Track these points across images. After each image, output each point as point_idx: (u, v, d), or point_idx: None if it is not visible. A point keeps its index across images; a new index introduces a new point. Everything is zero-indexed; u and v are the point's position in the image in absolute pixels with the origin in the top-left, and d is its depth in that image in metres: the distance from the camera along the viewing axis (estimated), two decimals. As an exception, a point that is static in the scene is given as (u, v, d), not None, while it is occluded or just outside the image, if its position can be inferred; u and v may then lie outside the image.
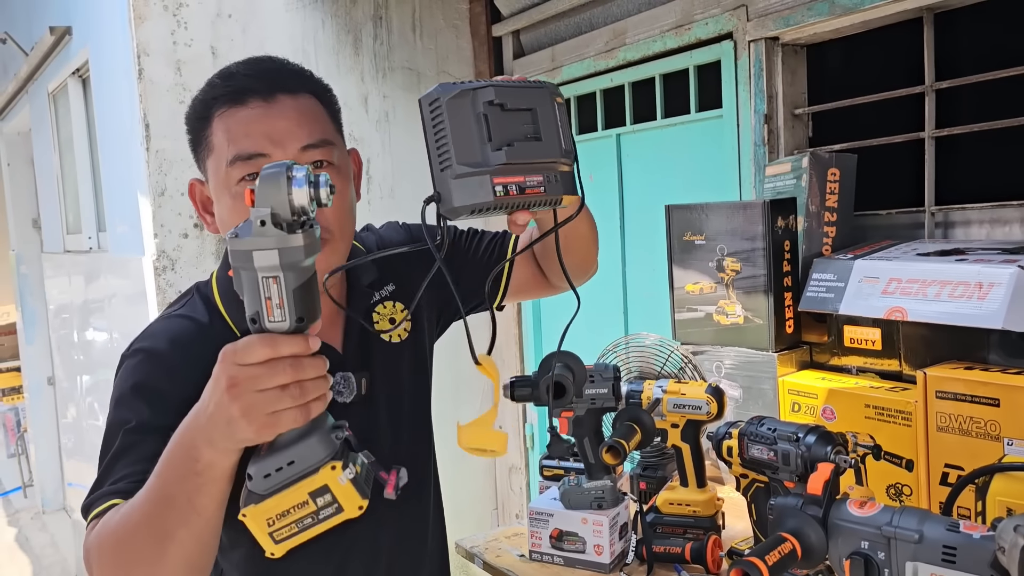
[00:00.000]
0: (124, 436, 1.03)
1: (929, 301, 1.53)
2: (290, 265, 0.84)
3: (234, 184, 1.08)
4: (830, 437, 1.26)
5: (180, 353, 1.08)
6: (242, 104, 1.08)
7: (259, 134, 1.07)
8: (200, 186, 1.16)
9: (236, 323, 1.14)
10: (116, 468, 1.02)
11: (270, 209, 0.83)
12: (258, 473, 0.88)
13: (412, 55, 3.07)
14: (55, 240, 4.46)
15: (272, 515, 0.89)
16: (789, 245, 1.81)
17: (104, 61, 3.05)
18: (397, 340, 1.28)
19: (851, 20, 1.93)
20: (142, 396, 1.06)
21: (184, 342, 1.10)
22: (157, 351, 1.09)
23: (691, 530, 1.58)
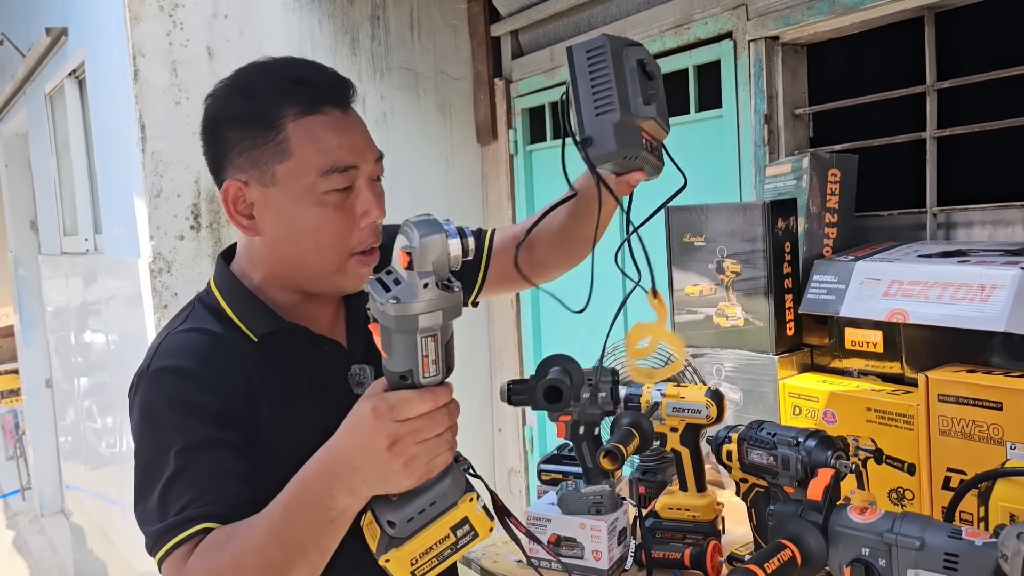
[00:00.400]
0: (176, 458, 1.02)
1: (931, 303, 1.51)
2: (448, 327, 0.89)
3: (321, 193, 1.08)
4: (831, 442, 1.24)
5: (206, 367, 1.07)
6: (320, 113, 1.08)
7: (348, 146, 1.09)
8: (242, 188, 1.11)
9: (253, 329, 1.13)
10: (176, 493, 1.01)
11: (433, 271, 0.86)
12: (402, 519, 0.92)
13: (410, 55, 3.05)
14: (52, 242, 4.44)
15: (416, 554, 0.93)
16: (790, 246, 1.79)
17: (100, 62, 3.03)
18: None
19: (851, 19, 1.91)
20: (182, 413, 1.04)
21: (206, 355, 1.09)
22: (183, 367, 1.07)
23: (691, 535, 1.56)
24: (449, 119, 3.15)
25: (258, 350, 1.12)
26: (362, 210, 1.11)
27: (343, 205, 1.10)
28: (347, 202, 1.10)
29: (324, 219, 1.09)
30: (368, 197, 1.11)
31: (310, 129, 1.07)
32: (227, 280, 1.17)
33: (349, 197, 1.10)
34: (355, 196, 1.11)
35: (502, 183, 3.11)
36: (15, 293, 5.76)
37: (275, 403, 1.10)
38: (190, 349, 1.09)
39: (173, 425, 1.04)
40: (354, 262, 1.13)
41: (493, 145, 3.15)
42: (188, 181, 2.63)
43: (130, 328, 2.98)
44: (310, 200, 1.08)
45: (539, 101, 2.94)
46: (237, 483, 1.03)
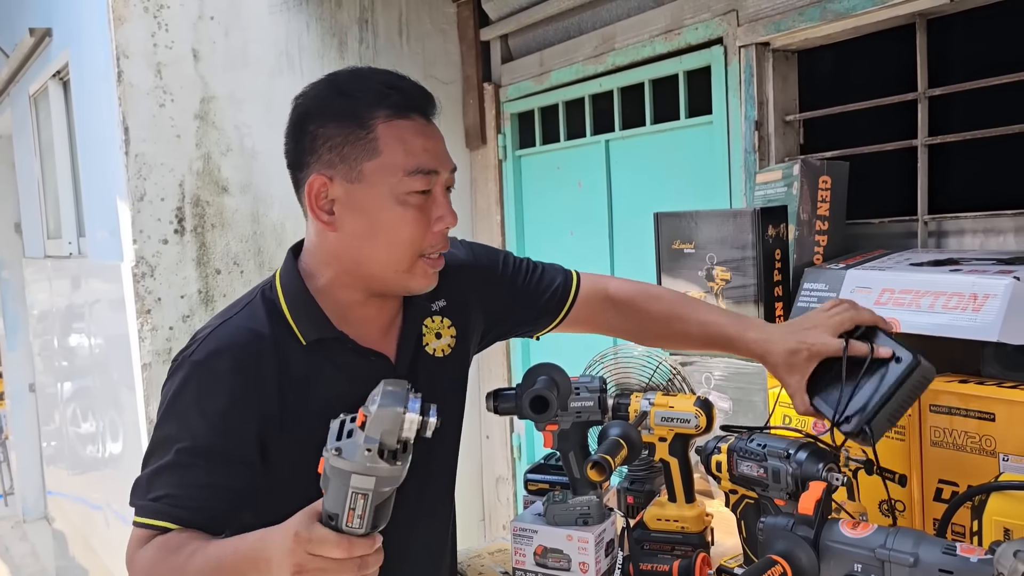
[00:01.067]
0: (176, 454, 1.11)
1: (923, 312, 1.49)
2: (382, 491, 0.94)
3: (404, 193, 1.14)
4: (822, 453, 1.22)
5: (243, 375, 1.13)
6: (408, 118, 1.15)
7: (435, 152, 1.16)
8: (326, 183, 1.16)
9: (304, 333, 1.18)
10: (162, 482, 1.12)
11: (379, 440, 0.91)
12: None
13: (399, 59, 3.03)
14: (36, 245, 4.39)
15: None
16: (780, 254, 1.77)
17: (84, 63, 3.00)
18: (440, 355, 1.33)
19: (843, 26, 1.90)
20: (202, 415, 1.12)
21: (248, 360, 1.14)
22: (221, 369, 1.13)
23: (679, 547, 1.53)
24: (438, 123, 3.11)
25: (305, 354, 1.18)
26: (437, 215, 1.17)
27: (422, 207, 1.16)
28: (425, 205, 1.16)
29: (404, 218, 1.15)
30: (444, 203, 1.18)
31: (399, 131, 1.14)
32: (292, 278, 1.21)
33: (427, 201, 1.16)
34: (432, 201, 1.17)
35: (491, 188, 3.09)
36: (-1, 296, 5.71)
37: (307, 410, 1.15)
38: (237, 349, 1.14)
39: (189, 423, 1.12)
40: (422, 263, 1.19)
41: (482, 150, 3.13)
42: (172, 184, 2.59)
43: (113, 332, 2.94)
44: (393, 199, 1.14)
45: (528, 106, 2.92)
46: (222, 499, 1.12)
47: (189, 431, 1.12)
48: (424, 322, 1.32)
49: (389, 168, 1.13)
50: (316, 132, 1.16)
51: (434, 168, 1.15)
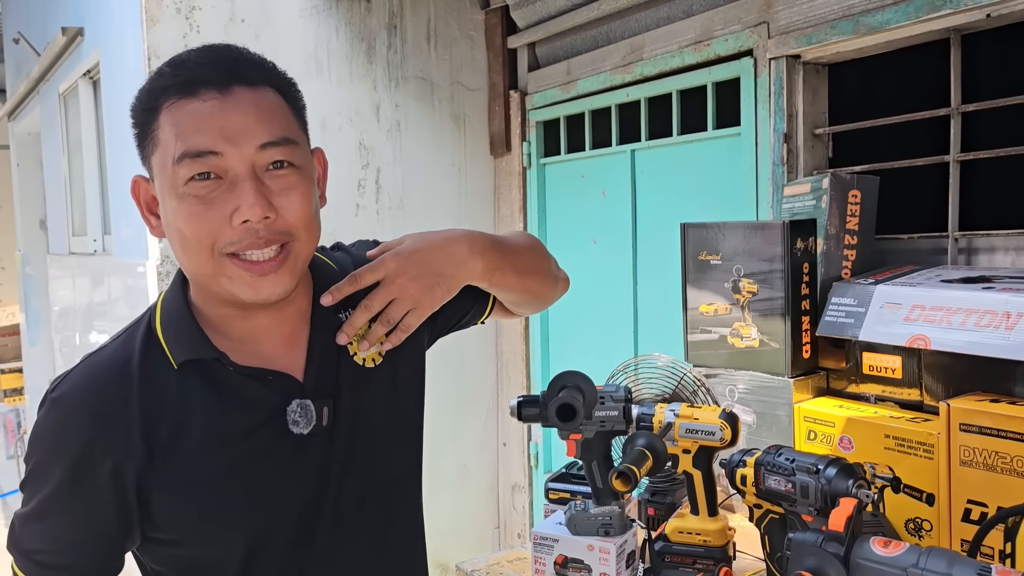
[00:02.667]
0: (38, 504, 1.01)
1: (954, 330, 1.47)
2: None
3: (181, 185, 0.96)
4: (852, 470, 1.20)
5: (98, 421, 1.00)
6: (193, 96, 0.96)
7: (212, 129, 0.96)
8: (145, 184, 1.04)
9: (173, 353, 1.03)
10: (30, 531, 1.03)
11: None
12: None
13: (426, 65, 3.04)
14: (61, 242, 4.43)
15: None
16: (808, 268, 1.76)
17: (115, 63, 3.02)
18: (372, 365, 1.15)
19: (875, 40, 1.89)
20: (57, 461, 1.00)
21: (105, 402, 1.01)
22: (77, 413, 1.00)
23: (701, 560, 1.52)
24: (463, 130, 3.13)
25: (178, 380, 1.02)
26: (233, 206, 0.96)
27: (209, 198, 0.96)
28: (214, 194, 0.97)
29: (183, 213, 0.97)
30: (244, 190, 0.96)
31: (176, 115, 0.96)
32: (174, 293, 1.08)
33: (215, 190, 0.97)
34: (228, 189, 0.97)
35: (514, 196, 3.09)
36: (22, 292, 5.75)
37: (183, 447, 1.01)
38: (99, 387, 1.01)
39: (47, 468, 1.00)
40: (234, 267, 0.99)
41: (506, 157, 3.13)
42: (199, 184, 2.61)
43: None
44: (171, 193, 0.98)
45: (554, 114, 2.92)
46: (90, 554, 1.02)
47: (48, 478, 1.00)
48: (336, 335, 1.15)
49: (164, 159, 0.97)
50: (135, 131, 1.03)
51: (207, 148, 0.95)
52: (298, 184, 1.01)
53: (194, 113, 0.96)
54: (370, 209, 2.93)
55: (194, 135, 0.96)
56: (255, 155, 0.97)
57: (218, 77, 0.97)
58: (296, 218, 1.00)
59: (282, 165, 1.00)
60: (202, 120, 0.96)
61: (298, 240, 1.02)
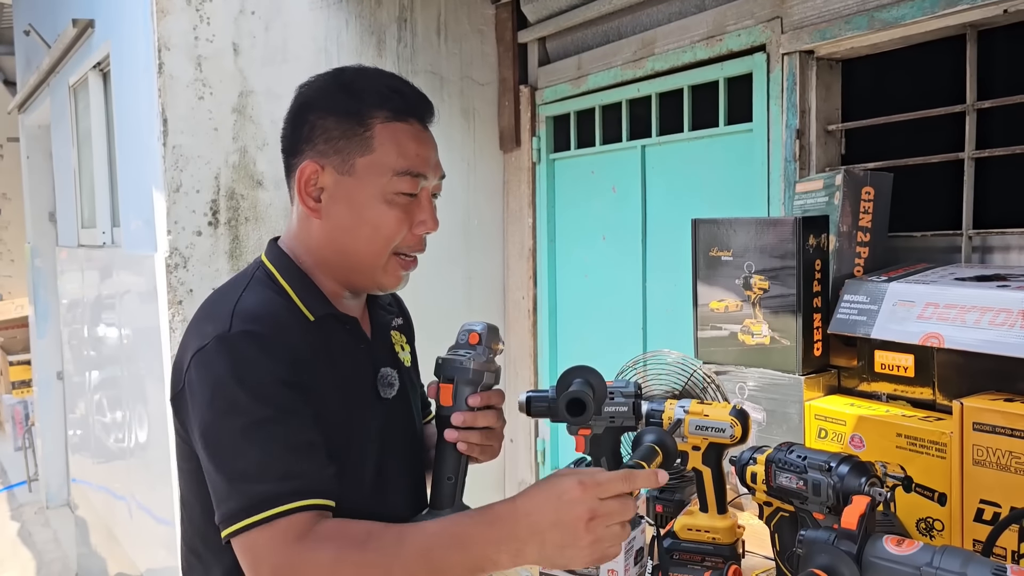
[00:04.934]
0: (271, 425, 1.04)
1: (968, 328, 1.46)
2: None
3: (393, 193, 1.17)
4: (864, 468, 1.19)
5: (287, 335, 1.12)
6: (406, 122, 1.19)
7: (426, 157, 1.20)
8: (318, 171, 1.18)
9: (309, 308, 1.19)
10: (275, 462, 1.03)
11: None
12: None
13: (436, 59, 3.03)
14: (70, 234, 4.44)
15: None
16: (820, 264, 1.75)
17: (125, 55, 3.02)
18: (407, 364, 1.38)
19: (890, 35, 1.87)
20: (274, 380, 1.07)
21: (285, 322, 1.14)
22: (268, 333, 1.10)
23: (710, 558, 1.51)
24: (472, 124, 3.12)
25: (314, 330, 1.18)
26: (420, 218, 1.20)
27: (407, 208, 1.19)
28: (409, 207, 1.19)
29: (388, 216, 1.18)
30: (428, 208, 1.21)
31: (395, 133, 1.17)
32: (283, 260, 1.22)
33: (411, 203, 1.20)
34: (416, 204, 1.20)
35: (523, 191, 3.08)
36: (31, 284, 5.77)
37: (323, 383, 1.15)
38: (272, 314, 1.13)
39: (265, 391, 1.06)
40: (395, 262, 1.21)
41: (516, 152, 3.12)
42: (208, 177, 2.61)
43: (144, 323, 2.96)
44: (380, 196, 1.17)
45: (564, 109, 2.91)
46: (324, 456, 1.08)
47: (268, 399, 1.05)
48: (390, 332, 1.37)
49: (380, 167, 1.17)
50: (315, 122, 1.19)
51: (423, 172, 1.19)
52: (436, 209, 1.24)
53: (411, 137, 1.19)
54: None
55: (415, 158, 1.18)
56: (435, 185, 1.23)
57: (426, 112, 1.22)
58: None
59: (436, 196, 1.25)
60: (420, 146, 1.20)
61: None
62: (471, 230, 3.14)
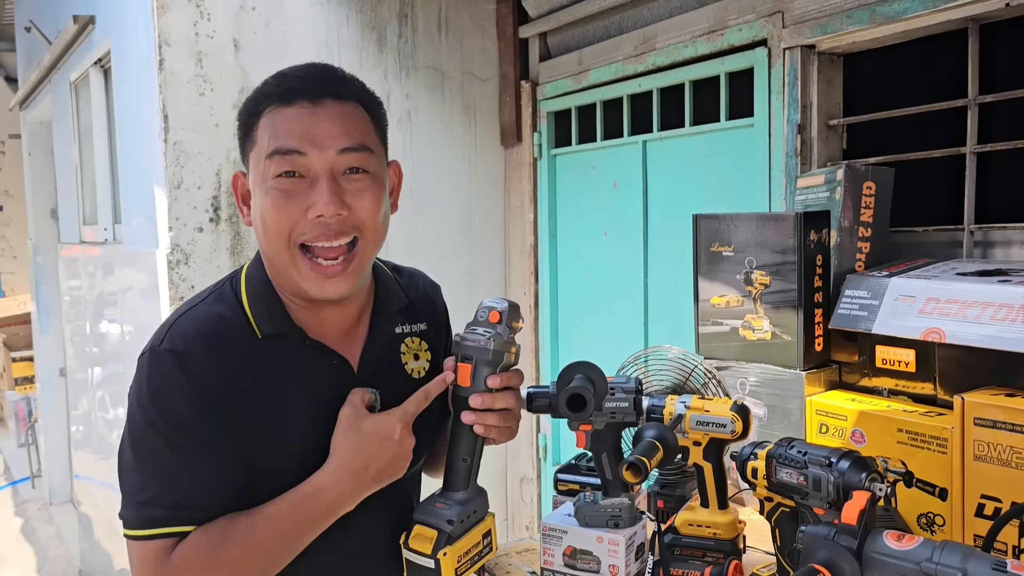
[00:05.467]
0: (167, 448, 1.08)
1: (969, 323, 1.46)
2: None
3: (270, 178, 1.11)
4: (865, 463, 1.19)
5: (213, 358, 1.10)
6: (289, 104, 1.12)
7: (300, 132, 1.10)
8: (243, 179, 1.19)
9: (258, 324, 1.15)
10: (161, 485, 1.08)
11: None
12: (458, 518, 1.15)
13: (436, 55, 3.02)
14: (71, 231, 4.44)
15: (461, 552, 1.15)
16: (821, 260, 1.74)
17: (126, 51, 3.02)
18: (417, 376, 1.31)
19: (892, 29, 1.87)
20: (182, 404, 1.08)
21: (215, 343, 1.11)
22: (191, 355, 1.09)
23: (711, 553, 1.51)
24: (473, 120, 3.12)
25: (262, 346, 1.14)
26: (311, 202, 1.10)
27: (292, 193, 1.11)
28: (295, 190, 1.11)
29: (268, 204, 1.11)
30: (321, 188, 1.10)
31: (273, 118, 1.12)
32: (257, 268, 1.20)
33: (298, 186, 1.11)
34: (308, 186, 1.11)
35: (525, 187, 3.08)
36: (33, 281, 5.77)
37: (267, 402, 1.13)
38: (202, 335, 1.11)
39: (171, 414, 1.07)
40: (304, 263, 1.13)
41: (517, 148, 3.12)
42: (209, 173, 2.61)
43: (146, 320, 2.96)
44: (263, 186, 1.12)
45: (566, 105, 2.90)
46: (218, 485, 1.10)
47: (173, 422, 1.07)
48: (405, 340, 1.31)
49: (258, 155, 1.13)
50: (239, 133, 1.19)
51: (295, 148, 1.10)
52: (370, 188, 1.14)
53: (288, 117, 1.11)
54: (380, 199, 2.92)
55: (285, 136, 1.10)
56: (335, 159, 1.11)
57: (312, 90, 1.12)
58: (366, 216, 1.14)
59: (357, 171, 1.13)
60: (293, 124, 1.11)
61: (364, 239, 1.15)
62: (472, 226, 3.14)
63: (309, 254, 1.12)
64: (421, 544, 1.15)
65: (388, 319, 1.28)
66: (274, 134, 1.11)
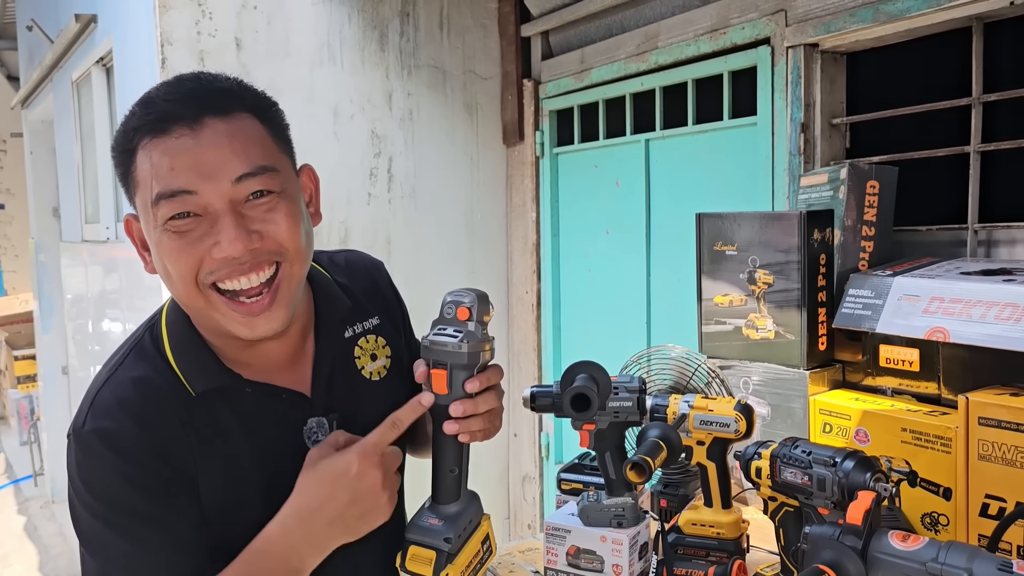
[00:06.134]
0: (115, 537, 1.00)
1: (974, 323, 1.45)
2: None
3: (161, 224, 0.97)
4: (869, 463, 1.19)
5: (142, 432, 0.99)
6: (165, 133, 0.96)
7: (185, 167, 0.96)
8: (135, 222, 1.05)
9: (190, 381, 1.04)
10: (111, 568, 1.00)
11: None
12: (455, 535, 1.07)
13: (438, 53, 3.02)
14: (73, 229, 4.44)
15: (462, 567, 1.08)
16: (825, 259, 1.74)
17: (128, 50, 3.02)
18: (377, 378, 1.21)
19: (895, 28, 1.86)
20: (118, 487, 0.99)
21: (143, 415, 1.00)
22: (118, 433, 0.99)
23: (714, 553, 1.51)
24: (475, 119, 3.11)
25: (198, 406, 1.03)
26: (212, 242, 0.97)
27: (191, 235, 0.98)
28: (197, 231, 0.98)
29: (165, 250, 0.99)
30: (223, 225, 0.97)
31: (149, 155, 0.97)
32: (177, 315, 1.08)
33: (196, 225, 0.98)
34: (204, 223, 0.98)
35: (527, 185, 3.07)
36: (35, 279, 5.78)
37: (211, 469, 1.03)
38: (124, 407, 1.00)
39: (112, 498, 0.99)
40: (221, 303, 1.00)
41: (519, 147, 3.11)
42: (211, 172, 2.60)
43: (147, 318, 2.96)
44: (155, 234, 0.99)
45: (568, 103, 2.90)
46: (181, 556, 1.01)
47: (113, 508, 0.99)
48: (359, 342, 1.20)
49: (144, 200, 0.98)
50: (118, 172, 1.04)
51: (181, 188, 0.95)
52: (280, 206, 1.01)
53: (168, 151, 0.96)
54: (382, 198, 2.92)
55: (168, 175, 0.96)
56: (232, 189, 0.97)
57: (188, 112, 0.97)
58: (283, 239, 1.01)
59: (262, 194, 1.00)
60: (175, 158, 0.96)
61: (288, 261, 1.03)
62: (474, 225, 3.14)
63: (228, 293, 1.00)
64: (420, 567, 1.07)
65: (334, 329, 1.17)
66: (155, 175, 0.96)
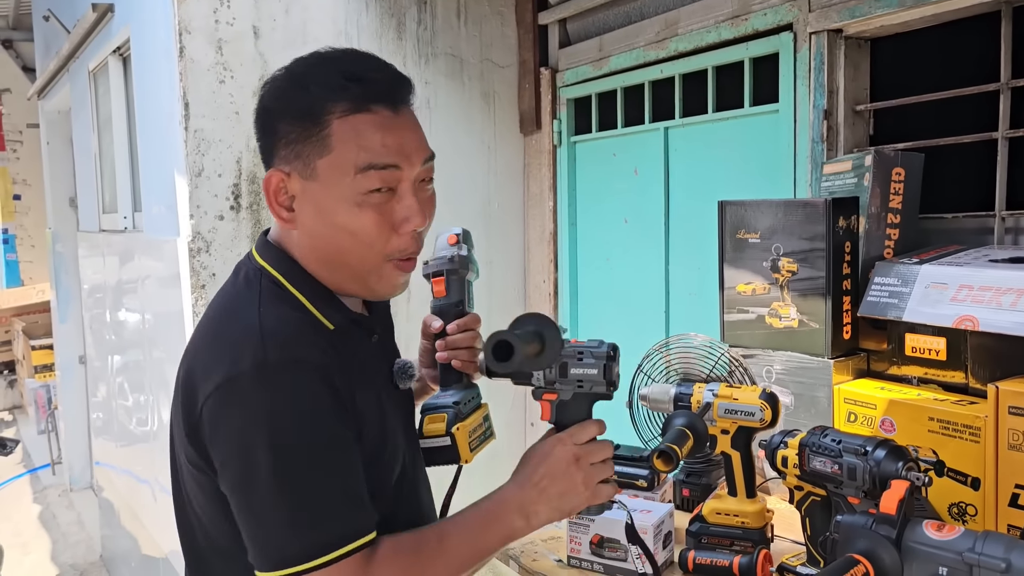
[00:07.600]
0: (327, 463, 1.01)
1: (1004, 311, 1.44)
2: None
3: (361, 193, 1.05)
4: (901, 452, 1.18)
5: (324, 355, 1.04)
6: (368, 111, 1.06)
7: (395, 144, 1.06)
8: (284, 179, 1.08)
9: (327, 316, 1.10)
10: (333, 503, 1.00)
11: None
12: (463, 400, 1.24)
13: (456, 41, 3.01)
14: (91, 219, 4.45)
15: (470, 428, 1.23)
16: (850, 247, 1.73)
17: (145, 39, 3.02)
18: None
19: (921, 13, 1.83)
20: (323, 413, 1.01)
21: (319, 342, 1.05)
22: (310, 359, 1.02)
23: (739, 542, 1.50)
24: (493, 107, 3.10)
25: (337, 340, 1.08)
26: (403, 216, 1.08)
27: (384, 208, 1.07)
28: (388, 205, 1.07)
29: (362, 220, 1.06)
30: (411, 203, 1.08)
31: (355, 126, 1.05)
32: (286, 264, 1.12)
33: (389, 200, 1.07)
34: (398, 200, 1.08)
35: (544, 174, 3.06)
36: (52, 269, 5.80)
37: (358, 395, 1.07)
38: (301, 335, 1.04)
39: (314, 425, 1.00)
40: (390, 268, 1.10)
41: (536, 135, 3.10)
42: (230, 160, 2.61)
43: (166, 308, 2.97)
44: (349, 199, 1.06)
45: (585, 92, 2.88)
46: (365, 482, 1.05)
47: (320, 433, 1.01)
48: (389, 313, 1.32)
49: (341, 166, 1.05)
50: (275, 127, 1.09)
51: (393, 163, 1.06)
52: (434, 196, 1.15)
53: (375, 127, 1.05)
54: (399, 187, 2.91)
55: (380, 150, 1.05)
56: (419, 171, 1.09)
57: (391, 96, 1.08)
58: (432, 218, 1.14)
59: (428, 179, 1.13)
60: (387, 136, 1.06)
61: None
62: (491, 214, 3.13)
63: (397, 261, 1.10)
64: (435, 426, 1.20)
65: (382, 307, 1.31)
66: (365, 146, 1.04)
